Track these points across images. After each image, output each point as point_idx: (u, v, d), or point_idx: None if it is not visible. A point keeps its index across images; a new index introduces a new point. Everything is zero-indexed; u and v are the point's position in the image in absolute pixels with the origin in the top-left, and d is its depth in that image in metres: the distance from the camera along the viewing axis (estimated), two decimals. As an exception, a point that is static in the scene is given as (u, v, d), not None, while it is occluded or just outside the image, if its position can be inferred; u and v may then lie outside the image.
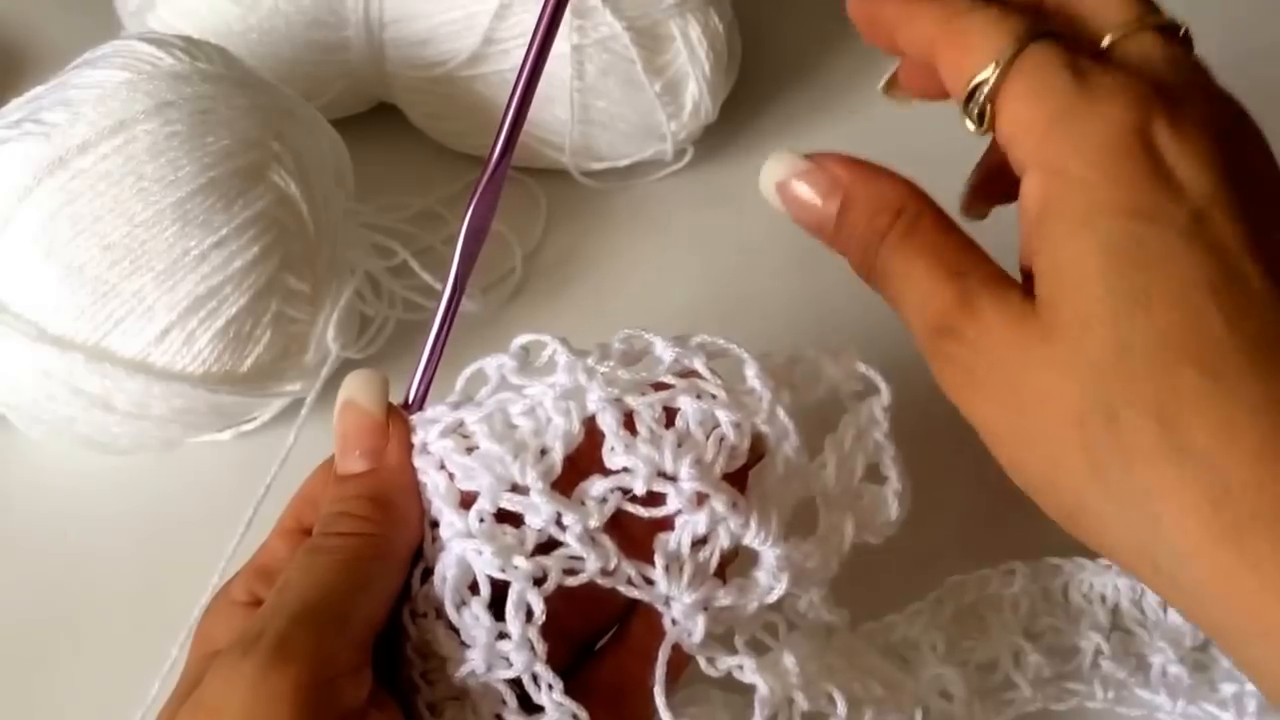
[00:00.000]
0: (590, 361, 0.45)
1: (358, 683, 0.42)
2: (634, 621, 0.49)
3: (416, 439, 0.46)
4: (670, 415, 0.45)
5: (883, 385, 0.49)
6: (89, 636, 0.60)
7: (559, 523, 0.43)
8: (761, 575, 0.45)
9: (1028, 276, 0.42)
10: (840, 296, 0.69)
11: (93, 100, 0.59)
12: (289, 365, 0.63)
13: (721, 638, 0.46)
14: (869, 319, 0.52)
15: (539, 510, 0.43)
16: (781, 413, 0.46)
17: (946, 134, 0.78)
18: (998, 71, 0.42)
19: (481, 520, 0.44)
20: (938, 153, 0.77)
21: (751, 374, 0.46)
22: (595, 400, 0.44)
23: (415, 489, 0.46)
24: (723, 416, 0.45)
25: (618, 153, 0.74)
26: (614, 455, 0.44)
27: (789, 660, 0.45)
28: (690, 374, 0.46)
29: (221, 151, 0.60)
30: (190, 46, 0.63)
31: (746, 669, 0.45)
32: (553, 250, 0.74)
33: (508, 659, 0.44)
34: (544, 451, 0.44)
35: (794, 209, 0.47)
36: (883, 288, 0.45)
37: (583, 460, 0.45)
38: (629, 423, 0.44)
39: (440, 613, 0.45)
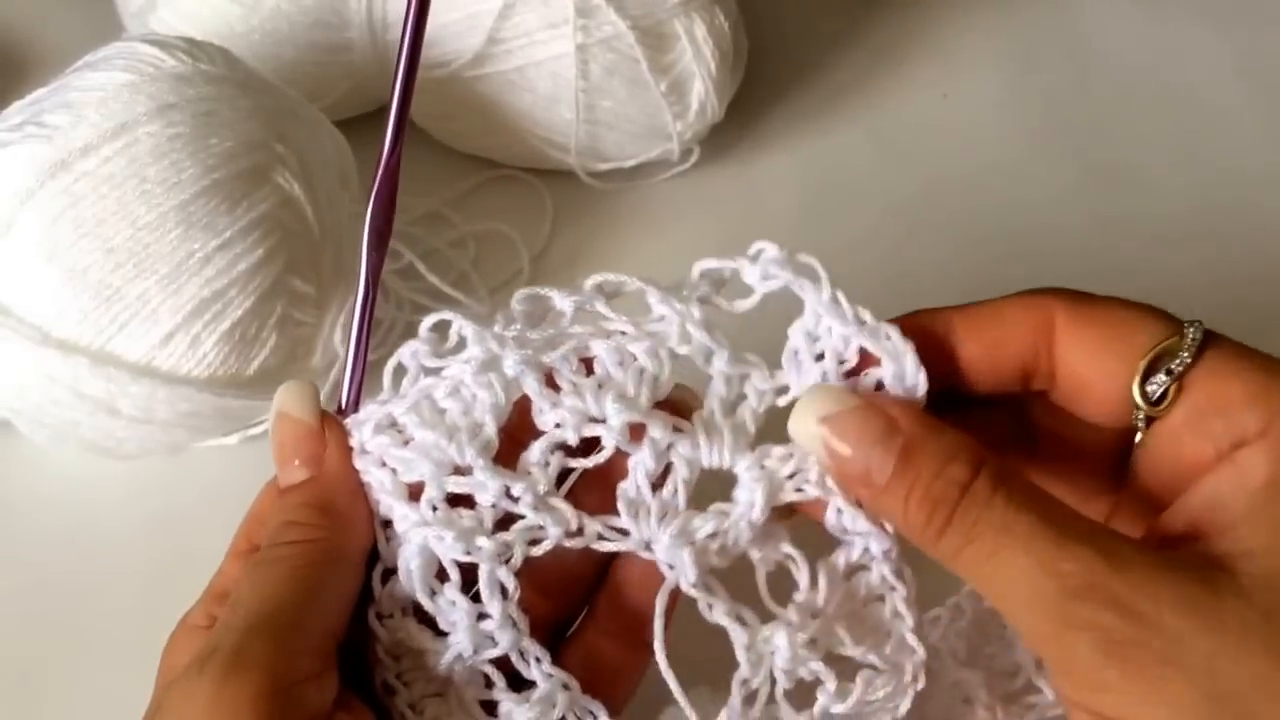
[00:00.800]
0: (498, 329, 0.45)
1: (321, 688, 0.42)
2: (600, 602, 0.50)
3: (354, 441, 0.46)
4: (588, 364, 0.45)
5: (820, 270, 0.45)
6: (95, 641, 0.60)
7: (509, 495, 0.43)
8: (739, 492, 0.44)
9: (1166, 538, 0.40)
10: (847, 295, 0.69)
11: (95, 102, 0.59)
12: (295, 368, 0.63)
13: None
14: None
15: (486, 487, 0.43)
16: (695, 329, 0.45)
17: (956, 135, 0.79)
18: (1192, 345, 0.41)
19: (435, 508, 0.44)
20: (946, 153, 0.79)
21: (655, 300, 0.45)
22: (512, 365, 0.44)
23: (359, 491, 0.46)
24: (635, 349, 0.44)
25: (624, 153, 0.74)
26: (542, 415, 0.44)
27: (780, 639, 0.44)
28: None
29: (225, 153, 0.60)
30: (193, 48, 0.63)
31: (737, 639, 0.44)
32: (559, 251, 0.74)
33: (492, 638, 0.44)
34: (478, 428, 0.44)
35: (837, 453, 0.42)
36: (965, 548, 0.40)
37: (519, 431, 0.45)
38: (550, 381, 0.44)
39: (408, 610, 0.45)
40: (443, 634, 0.45)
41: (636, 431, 0.44)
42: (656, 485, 0.44)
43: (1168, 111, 0.81)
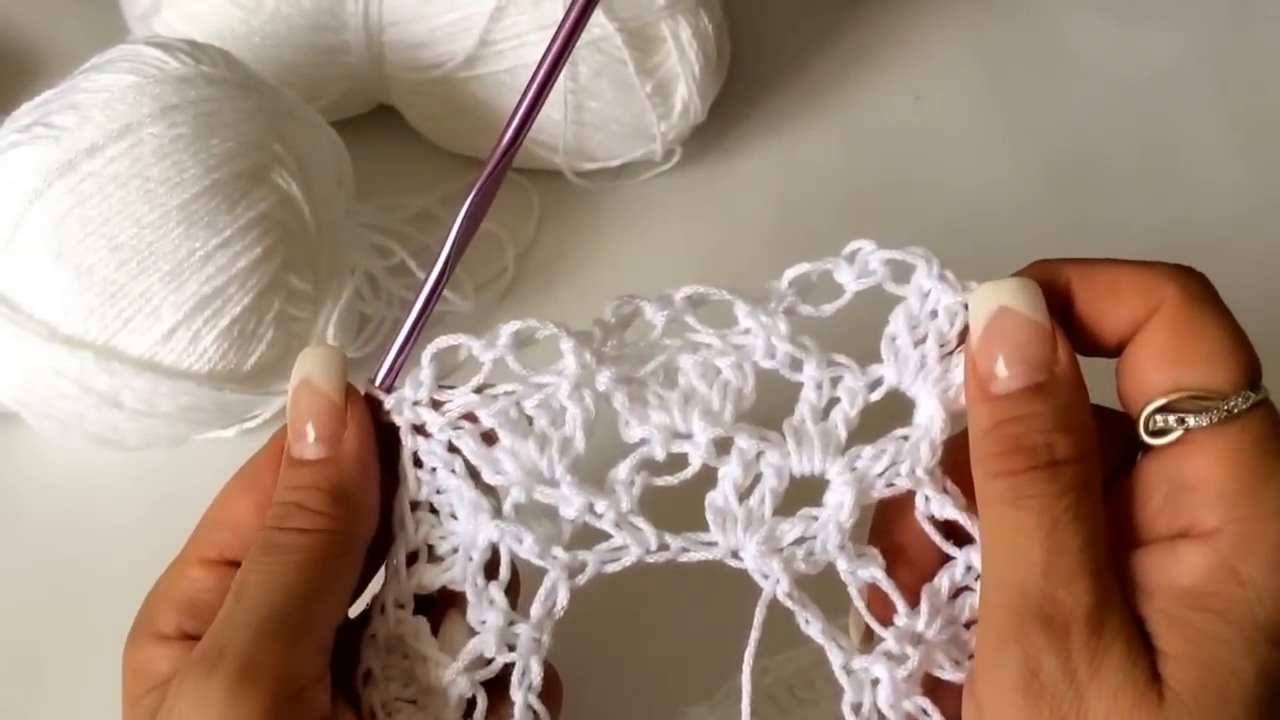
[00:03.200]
0: (595, 345, 0.45)
1: (323, 687, 0.42)
2: None
3: (403, 419, 0.45)
4: (673, 377, 0.45)
5: (922, 259, 0.44)
6: (99, 627, 0.59)
7: (592, 511, 0.44)
8: (829, 495, 0.44)
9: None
10: (826, 295, 0.70)
11: (100, 104, 0.60)
12: (291, 363, 0.61)
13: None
14: (856, 317, 0.50)
15: (571, 502, 0.44)
16: (780, 343, 0.44)
17: (928, 137, 0.80)
18: (1223, 411, 0.39)
19: (515, 509, 0.44)
20: (919, 155, 0.80)
21: (742, 314, 0.45)
22: (604, 382, 0.44)
23: (374, 478, 0.44)
24: (720, 363, 0.44)
25: (609, 153, 0.75)
26: (630, 429, 0.44)
27: (879, 669, 0.43)
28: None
29: (225, 154, 0.61)
30: (195, 50, 0.63)
31: (826, 645, 0.43)
32: (545, 249, 0.75)
33: (511, 645, 0.44)
34: (567, 443, 0.44)
35: (991, 339, 0.41)
36: (999, 505, 0.40)
37: None
38: (637, 395, 0.44)
39: (423, 605, 0.45)
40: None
41: (722, 444, 0.44)
42: (744, 495, 0.44)
43: (1140, 116, 0.81)
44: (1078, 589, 0.38)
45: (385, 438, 0.46)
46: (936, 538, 0.44)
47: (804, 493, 0.45)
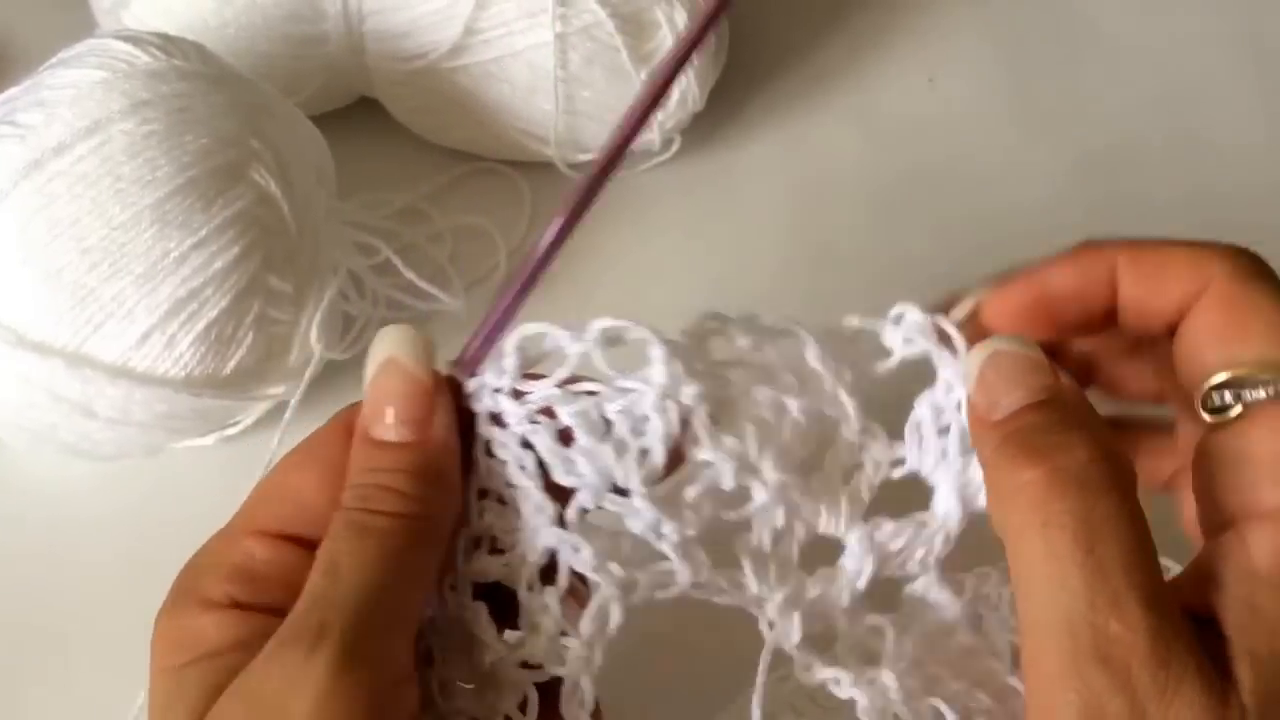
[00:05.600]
0: (683, 356, 0.43)
1: (414, 683, 0.40)
2: None
3: (481, 405, 0.43)
4: (746, 407, 0.44)
5: (960, 340, 0.44)
6: (74, 643, 0.60)
7: (657, 530, 0.42)
8: (846, 560, 0.44)
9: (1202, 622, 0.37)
10: (828, 288, 0.69)
11: (68, 100, 0.59)
12: (272, 367, 0.63)
13: (820, 646, 0.45)
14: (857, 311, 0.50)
15: (640, 515, 0.42)
16: (843, 395, 0.44)
17: (942, 121, 0.79)
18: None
19: (580, 515, 0.43)
20: (932, 139, 0.78)
21: (813, 356, 0.44)
22: (690, 396, 0.42)
23: (458, 464, 0.43)
24: (792, 404, 0.44)
25: (603, 143, 0.73)
26: (699, 450, 0.43)
27: (888, 678, 0.43)
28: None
29: (200, 150, 0.59)
30: (166, 43, 0.62)
31: (844, 683, 0.43)
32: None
33: (562, 658, 0.43)
34: (645, 454, 0.42)
35: (985, 378, 0.41)
36: (1019, 524, 0.38)
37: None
38: (715, 417, 0.43)
39: (482, 592, 0.44)
40: (505, 628, 0.44)
41: (782, 488, 0.43)
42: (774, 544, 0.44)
43: (1162, 95, 0.80)
44: (1132, 617, 0.35)
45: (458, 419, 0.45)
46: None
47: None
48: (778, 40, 0.83)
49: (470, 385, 0.43)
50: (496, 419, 0.43)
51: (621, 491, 0.42)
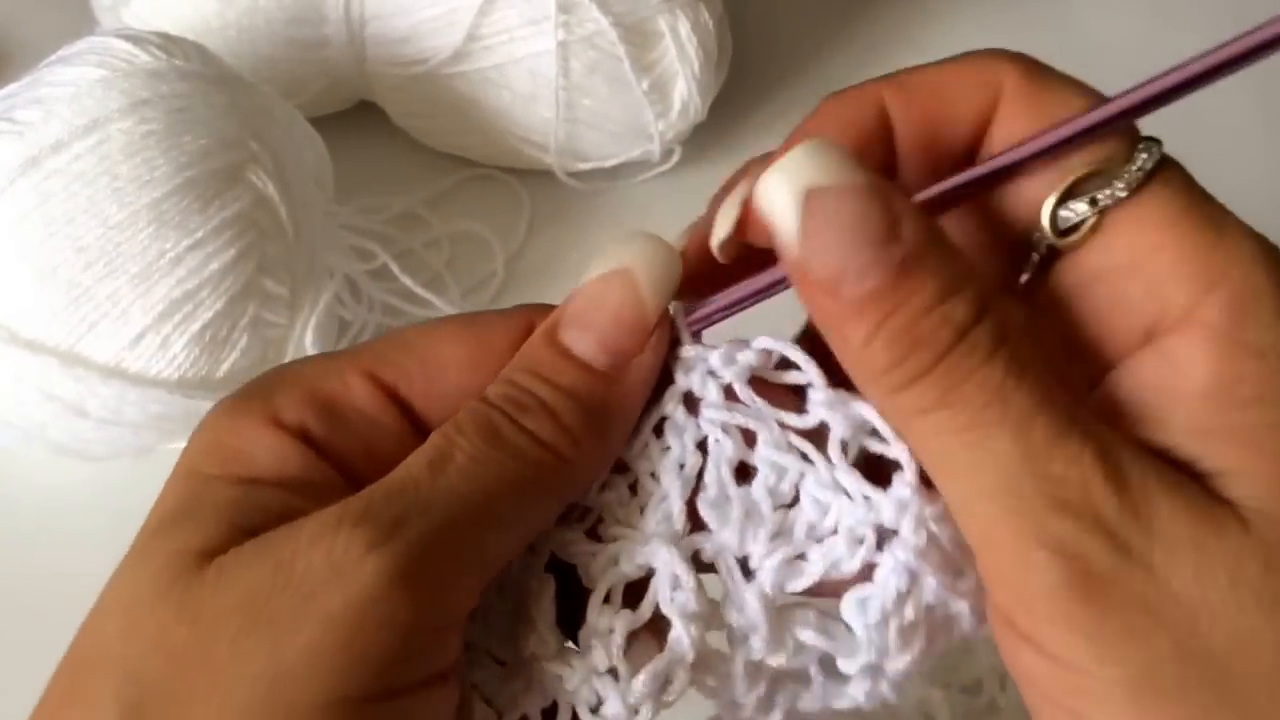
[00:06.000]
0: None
1: (459, 635, 0.33)
2: None
3: (686, 379, 0.36)
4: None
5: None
6: (62, 645, 0.59)
7: (748, 638, 0.35)
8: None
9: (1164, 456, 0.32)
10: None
11: (67, 98, 0.58)
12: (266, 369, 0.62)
13: None
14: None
15: (744, 610, 0.35)
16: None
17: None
18: (1136, 174, 0.33)
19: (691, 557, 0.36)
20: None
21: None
22: (909, 552, 0.34)
23: (633, 422, 0.36)
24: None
25: (604, 153, 0.74)
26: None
27: None
28: None
29: (198, 151, 0.59)
30: (167, 43, 0.62)
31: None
32: (536, 253, 0.73)
33: (600, 701, 0.35)
34: (801, 559, 0.35)
35: (817, 238, 0.31)
36: (935, 411, 0.31)
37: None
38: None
39: (557, 568, 0.37)
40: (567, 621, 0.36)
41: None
42: None
43: (1165, 113, 0.80)
44: (1071, 450, 0.30)
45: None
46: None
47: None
48: (779, 53, 0.82)
49: (688, 349, 0.36)
50: (690, 401, 0.36)
51: (746, 571, 0.35)
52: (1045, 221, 0.33)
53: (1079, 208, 0.32)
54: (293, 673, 0.30)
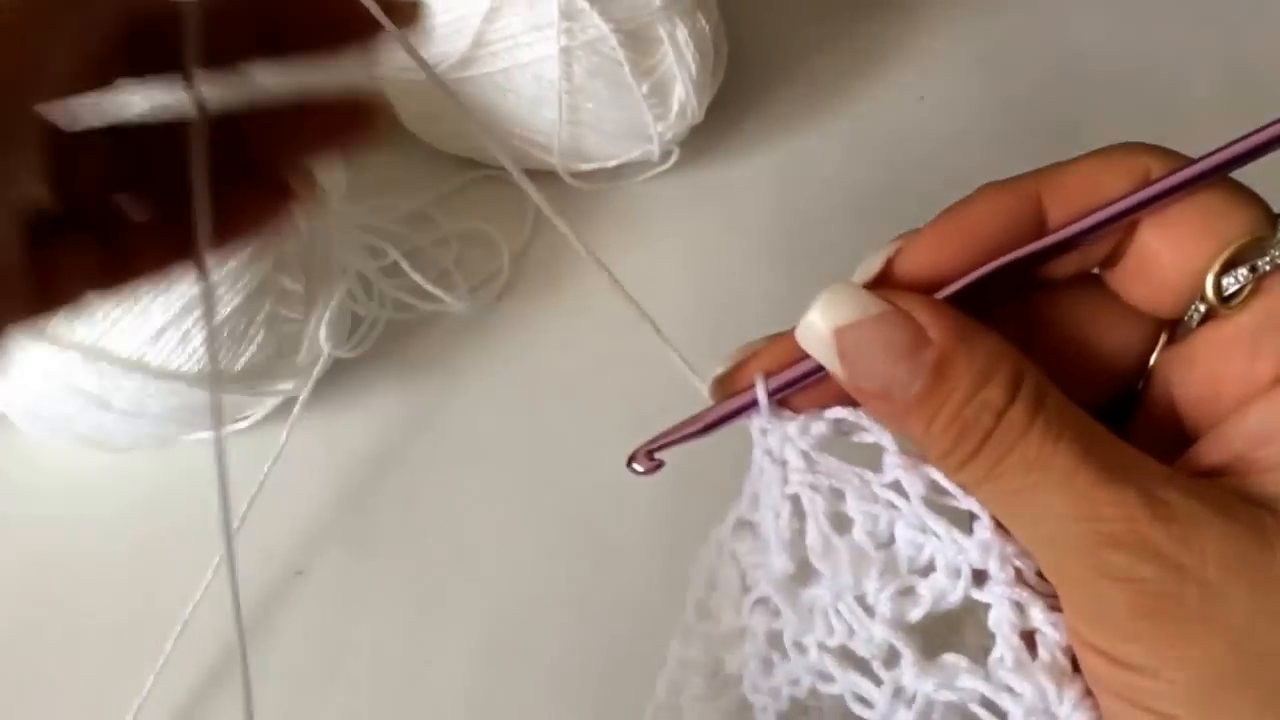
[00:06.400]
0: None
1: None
2: None
3: (772, 440, 0.38)
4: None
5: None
6: (85, 629, 0.61)
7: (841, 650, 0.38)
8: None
9: (1200, 470, 0.35)
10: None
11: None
12: (281, 364, 0.64)
13: None
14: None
15: (871, 638, 0.37)
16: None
17: (932, 138, 0.80)
18: None
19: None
20: (922, 156, 0.79)
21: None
22: (1002, 586, 0.37)
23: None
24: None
25: (605, 154, 0.75)
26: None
27: None
28: None
29: (216, 150, 0.60)
30: (184, 47, 0.63)
31: None
32: (540, 251, 0.75)
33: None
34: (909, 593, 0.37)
35: (857, 365, 0.35)
36: (988, 482, 0.35)
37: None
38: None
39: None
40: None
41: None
42: None
43: (1150, 116, 0.80)
44: (1114, 494, 0.33)
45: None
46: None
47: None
48: (775, 56, 0.84)
49: (769, 419, 0.38)
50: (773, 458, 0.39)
51: (866, 609, 0.37)
52: (1209, 289, 0.36)
53: (1240, 274, 0.36)
54: None
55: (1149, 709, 0.34)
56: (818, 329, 0.36)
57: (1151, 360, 0.39)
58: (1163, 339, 0.39)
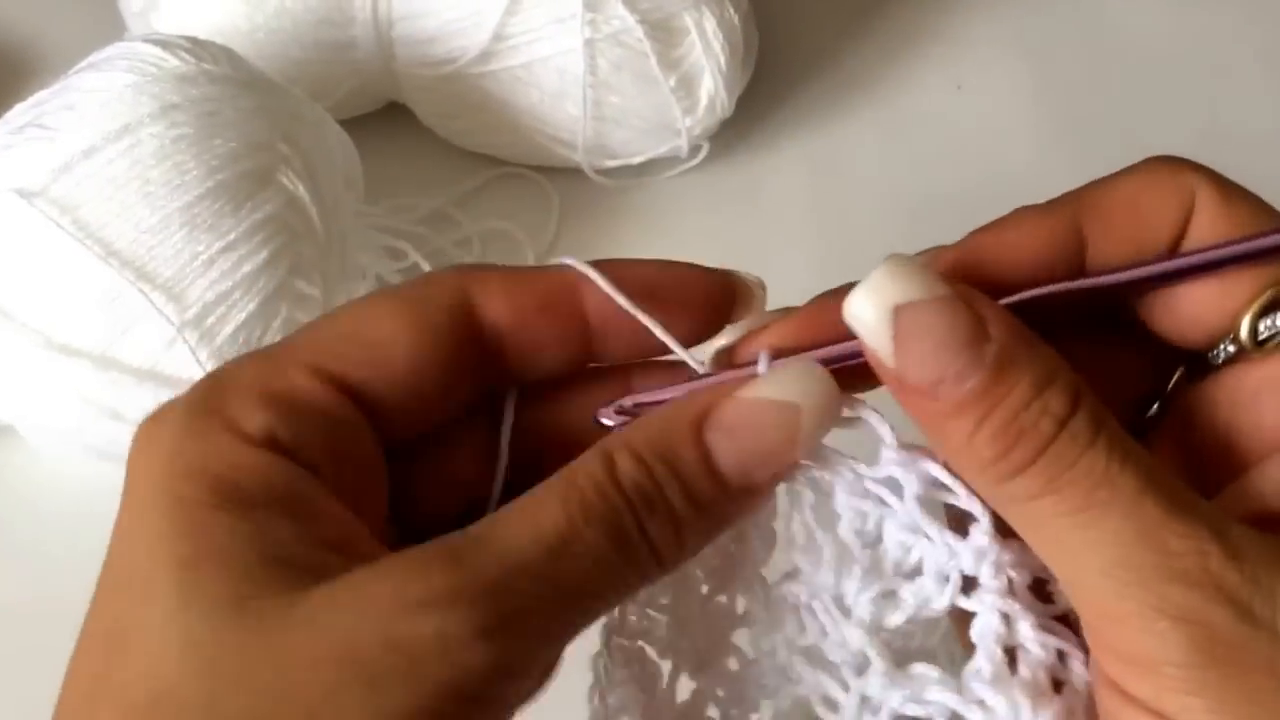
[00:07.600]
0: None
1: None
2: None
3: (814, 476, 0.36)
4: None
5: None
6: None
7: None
8: None
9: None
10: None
11: (97, 104, 0.59)
12: None
13: None
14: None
15: (845, 644, 0.36)
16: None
17: (970, 128, 0.78)
18: None
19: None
20: (961, 146, 0.78)
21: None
22: (994, 591, 0.35)
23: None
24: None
25: (631, 150, 0.74)
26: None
27: None
28: None
29: (229, 154, 0.59)
30: (196, 47, 0.62)
31: None
32: (566, 249, 0.73)
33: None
34: (890, 597, 0.36)
35: (911, 350, 0.32)
36: (1043, 497, 0.32)
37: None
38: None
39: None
40: None
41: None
42: None
43: (1191, 101, 0.80)
44: (1184, 526, 0.31)
45: None
46: None
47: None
48: (806, 48, 0.82)
49: (844, 471, 0.36)
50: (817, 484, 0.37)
51: (843, 610, 0.36)
52: (1245, 331, 0.34)
53: (1278, 319, 0.34)
54: None
55: None
56: (874, 304, 0.32)
57: (1167, 389, 0.38)
58: (1180, 370, 0.37)
